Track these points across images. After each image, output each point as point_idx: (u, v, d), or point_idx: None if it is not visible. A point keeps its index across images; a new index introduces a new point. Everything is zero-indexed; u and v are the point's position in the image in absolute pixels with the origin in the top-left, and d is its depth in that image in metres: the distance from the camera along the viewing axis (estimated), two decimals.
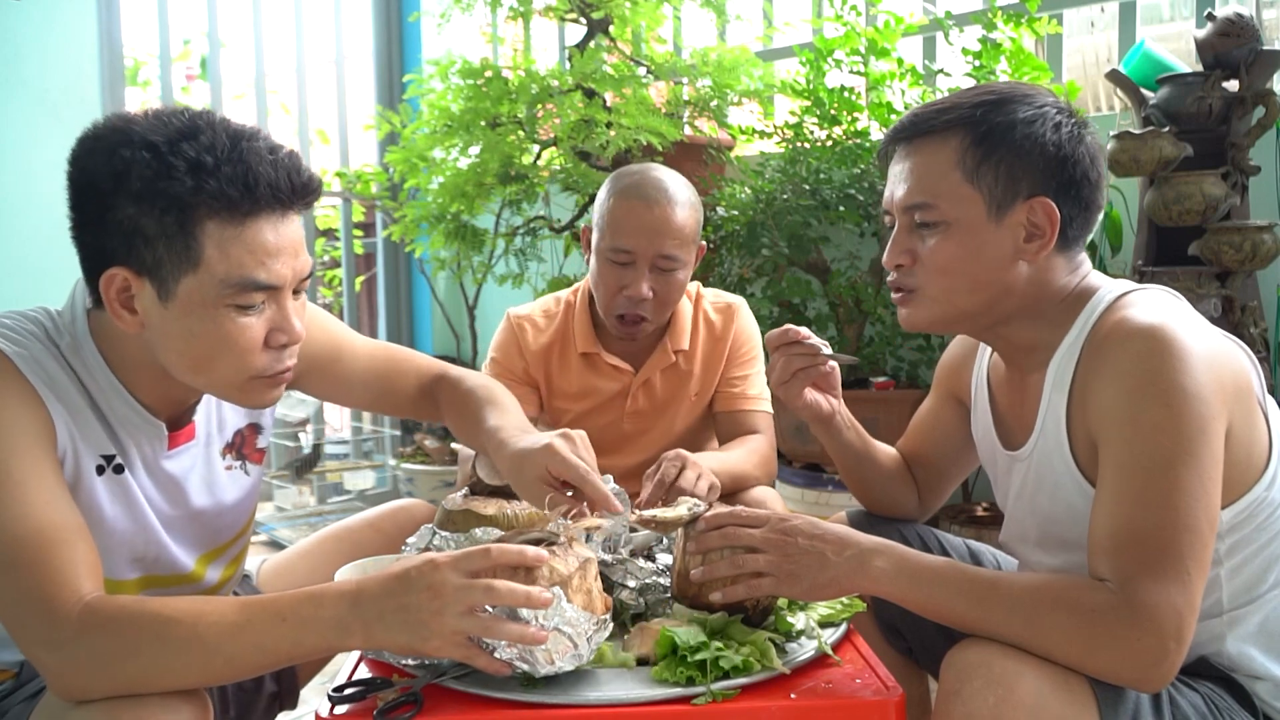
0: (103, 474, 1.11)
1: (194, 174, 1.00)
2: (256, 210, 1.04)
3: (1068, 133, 1.15)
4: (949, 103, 1.19)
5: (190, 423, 1.22)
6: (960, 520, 2.63)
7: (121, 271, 1.04)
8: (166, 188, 1.00)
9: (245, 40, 3.77)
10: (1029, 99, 1.16)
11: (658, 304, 1.75)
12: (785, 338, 1.35)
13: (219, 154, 1.01)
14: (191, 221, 1.01)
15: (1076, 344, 1.14)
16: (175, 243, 1.02)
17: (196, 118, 1.04)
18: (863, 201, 2.78)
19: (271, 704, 1.35)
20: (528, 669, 0.99)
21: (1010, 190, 1.14)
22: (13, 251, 2.68)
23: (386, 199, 3.79)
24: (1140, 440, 1.01)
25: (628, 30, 3.14)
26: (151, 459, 1.17)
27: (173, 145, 1.01)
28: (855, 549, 1.08)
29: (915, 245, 1.20)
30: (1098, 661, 0.96)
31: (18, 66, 2.73)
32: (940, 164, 1.17)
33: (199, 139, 1.02)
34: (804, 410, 1.38)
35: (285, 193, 1.05)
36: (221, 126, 1.04)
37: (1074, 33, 3.43)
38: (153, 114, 1.05)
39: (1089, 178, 1.16)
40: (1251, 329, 2.28)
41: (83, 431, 1.09)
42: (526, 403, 1.86)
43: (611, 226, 1.74)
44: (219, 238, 1.03)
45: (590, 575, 1.09)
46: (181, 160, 1.00)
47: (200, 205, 1.01)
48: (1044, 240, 1.15)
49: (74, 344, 1.10)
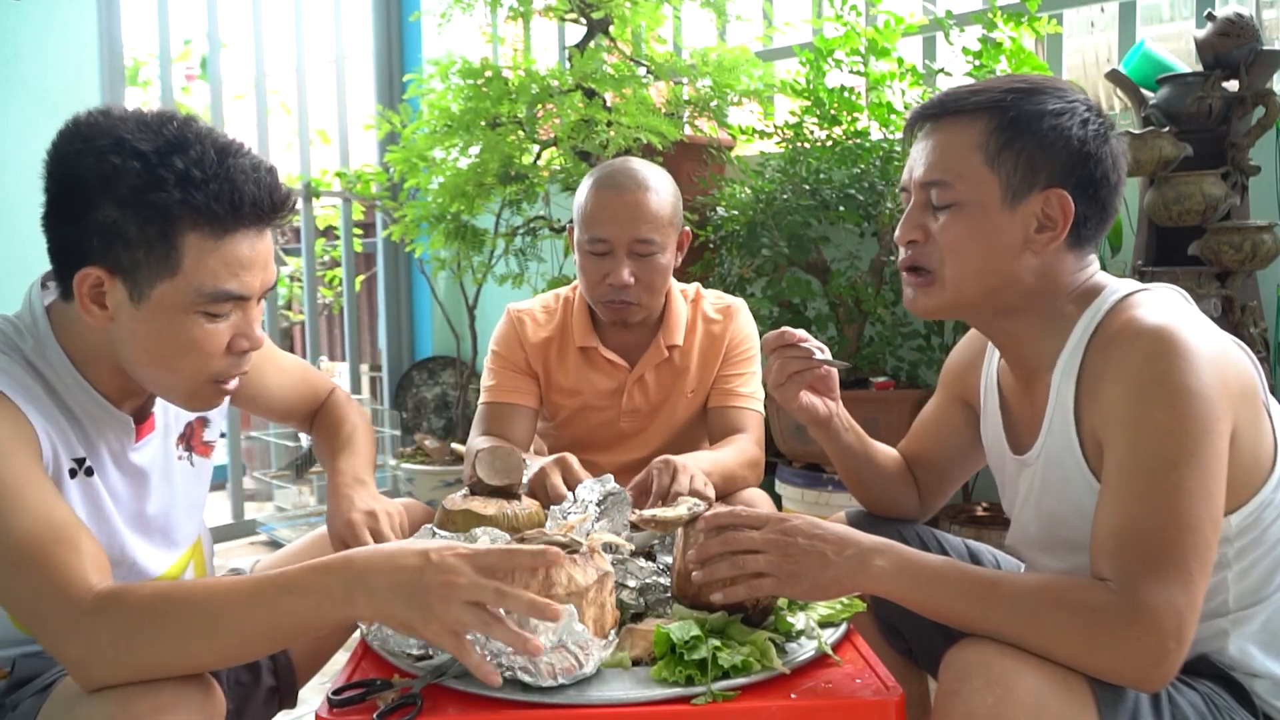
0: (75, 477, 1.14)
1: (182, 187, 1.03)
2: (237, 226, 1.08)
3: (1094, 130, 1.15)
4: (981, 86, 1.18)
5: (150, 414, 1.25)
6: (960, 520, 2.63)
7: (96, 270, 1.06)
8: (154, 199, 1.03)
9: (245, 40, 3.76)
10: (1061, 92, 1.16)
11: (641, 289, 1.77)
12: (781, 340, 1.35)
13: (207, 169, 1.05)
14: (174, 232, 1.05)
15: (1082, 344, 1.14)
16: (155, 250, 1.05)
17: (185, 128, 1.07)
18: (863, 201, 2.78)
19: (270, 698, 1.35)
20: (530, 681, 1.00)
21: (1028, 179, 1.14)
22: (13, 251, 2.67)
23: (386, 199, 3.79)
24: (1145, 441, 1.01)
25: (628, 30, 3.14)
26: (120, 453, 1.20)
27: (162, 156, 1.04)
28: (855, 548, 1.08)
29: (928, 222, 1.19)
30: (1098, 661, 0.96)
31: (18, 66, 2.73)
32: (963, 144, 1.16)
33: (188, 152, 1.05)
34: (800, 413, 1.38)
35: (265, 210, 1.10)
36: (209, 140, 1.07)
37: (1074, 33, 3.44)
38: (140, 118, 1.07)
39: (1109, 179, 1.16)
40: (1251, 329, 2.28)
41: (57, 436, 1.11)
42: (527, 394, 1.87)
43: (587, 218, 1.77)
44: (199, 249, 1.06)
45: (606, 589, 1.10)
46: (171, 173, 1.03)
47: (184, 217, 1.05)
48: (1055, 233, 1.14)
49: (38, 345, 1.13)
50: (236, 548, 3.63)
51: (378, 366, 4.54)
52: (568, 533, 1.18)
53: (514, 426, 1.84)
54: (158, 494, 1.27)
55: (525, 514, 1.38)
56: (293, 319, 5.63)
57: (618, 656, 1.08)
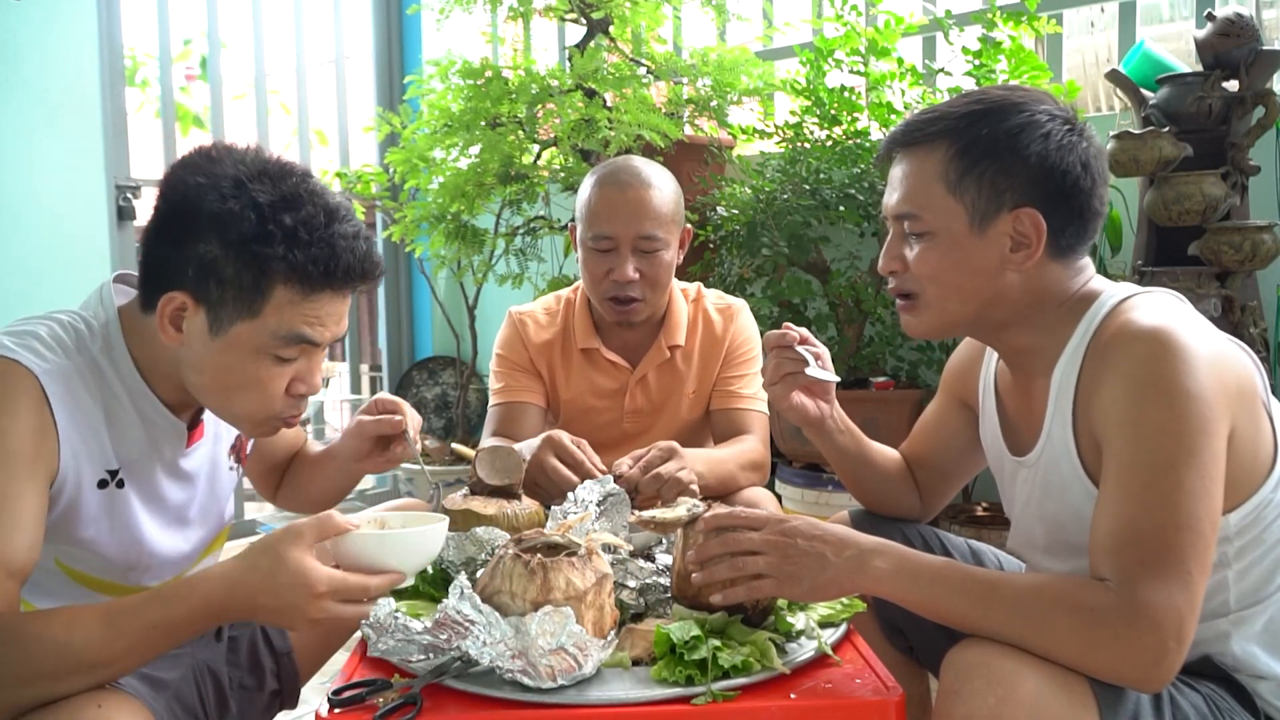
0: (104, 487, 1.16)
1: (286, 244, 1.08)
2: (327, 287, 1.12)
3: (1057, 142, 1.13)
4: (939, 112, 1.19)
5: (200, 422, 1.28)
6: (960, 520, 2.63)
7: (184, 296, 1.10)
8: (259, 250, 1.08)
9: (245, 40, 3.76)
10: (1020, 107, 1.15)
11: (646, 285, 1.78)
12: (782, 340, 1.35)
13: (313, 232, 1.10)
14: (267, 283, 1.10)
15: (1080, 348, 1.14)
16: (245, 294, 1.10)
17: (301, 185, 1.12)
18: (863, 201, 2.78)
19: (272, 702, 1.35)
20: (530, 683, 1.00)
21: (994, 202, 1.14)
22: (13, 251, 2.67)
23: (386, 199, 3.78)
24: (1143, 441, 1.01)
25: (628, 30, 3.14)
26: (172, 459, 1.24)
27: (276, 211, 1.09)
28: (855, 549, 1.08)
29: (905, 251, 1.21)
30: (1098, 661, 0.96)
31: (18, 66, 2.73)
32: (925, 175, 1.17)
33: (300, 211, 1.10)
34: (790, 413, 1.38)
35: (356, 278, 1.15)
36: (320, 202, 1.12)
37: (1074, 33, 3.44)
38: (263, 166, 1.12)
39: (1080, 186, 1.14)
40: (1251, 329, 2.28)
41: (90, 450, 1.13)
42: (534, 393, 1.87)
43: (590, 216, 1.78)
44: (285, 300, 1.11)
45: (605, 591, 1.10)
46: (280, 229, 1.08)
47: (281, 272, 1.09)
48: (1030, 250, 1.14)
49: (106, 347, 1.16)
50: (236, 548, 3.61)
51: (378, 366, 4.55)
52: (565, 533, 1.18)
53: (526, 425, 1.84)
54: (202, 497, 1.31)
55: (525, 514, 1.38)
56: None
57: (618, 656, 1.08)
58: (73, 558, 1.18)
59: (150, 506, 1.22)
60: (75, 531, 1.14)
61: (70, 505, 1.12)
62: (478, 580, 1.13)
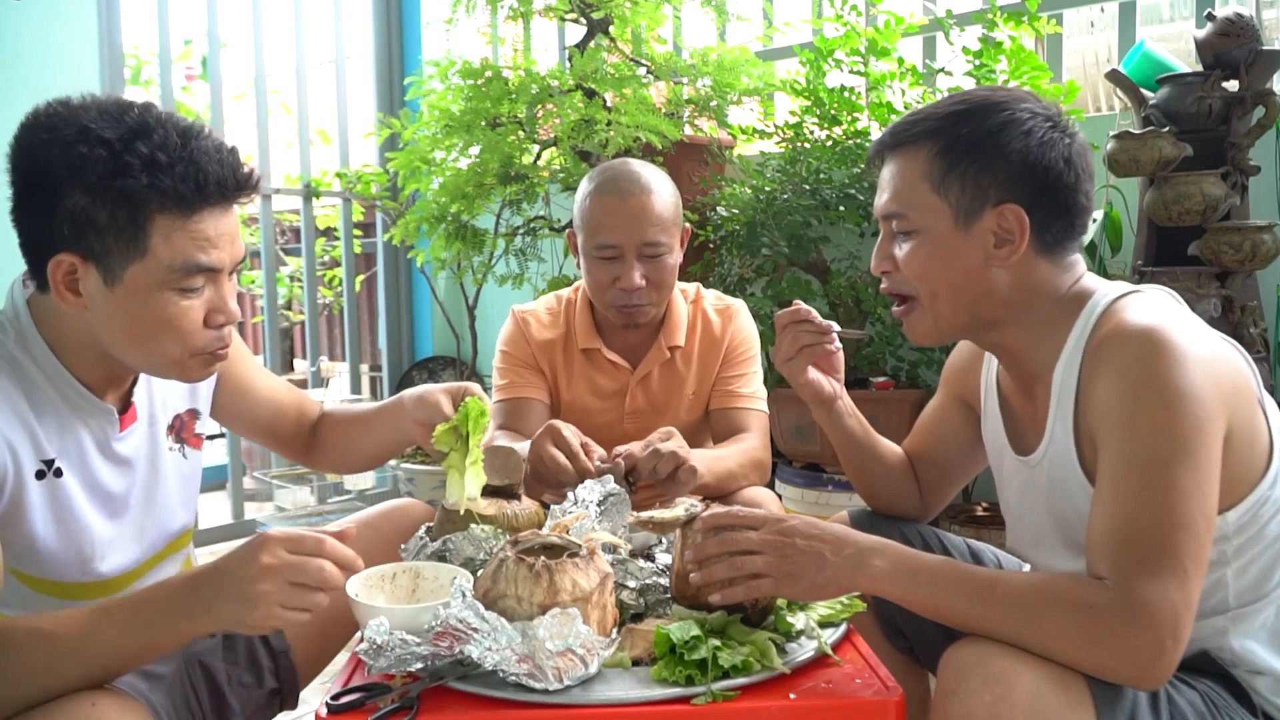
0: (42, 479, 1.15)
1: (148, 172, 1.06)
2: (203, 205, 1.11)
3: (1039, 139, 1.15)
4: (923, 113, 1.21)
5: (131, 404, 1.27)
6: (960, 520, 2.63)
7: (69, 257, 1.09)
8: (122, 185, 1.06)
9: (245, 40, 3.76)
10: (1002, 106, 1.17)
11: (652, 289, 1.78)
12: (795, 316, 1.37)
13: (171, 152, 1.08)
14: (143, 216, 1.08)
15: (1078, 349, 1.14)
16: (125, 233, 1.08)
17: (146, 114, 1.10)
18: (863, 201, 2.78)
19: (272, 700, 1.35)
20: (537, 685, 1.00)
21: (978, 199, 1.16)
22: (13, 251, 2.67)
23: (386, 199, 3.79)
24: (1137, 440, 1.01)
25: (628, 30, 3.14)
26: (104, 442, 1.22)
27: (127, 143, 1.06)
28: (854, 548, 1.08)
29: (894, 251, 1.23)
30: (1095, 659, 0.96)
31: (18, 66, 2.73)
32: (911, 175, 1.19)
33: (152, 137, 1.08)
34: (805, 389, 1.40)
35: (230, 189, 1.13)
36: (171, 124, 1.10)
37: (1074, 33, 3.44)
38: (100, 106, 1.10)
39: (1063, 181, 1.16)
40: (1251, 329, 2.28)
41: (22, 441, 1.12)
42: (539, 389, 1.87)
43: (592, 225, 1.77)
44: (167, 229, 1.09)
45: (607, 590, 1.10)
46: (136, 159, 1.06)
47: (152, 201, 1.08)
48: (1013, 246, 1.16)
49: (19, 337, 1.15)
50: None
51: (378, 366, 4.54)
52: (563, 532, 1.18)
53: (531, 420, 1.84)
54: (145, 483, 1.28)
55: (525, 514, 1.38)
56: (293, 319, 5.64)
57: (618, 656, 1.08)
58: (27, 563, 1.16)
59: (90, 494, 1.20)
60: (23, 529, 1.13)
61: (13, 502, 1.11)
62: (477, 584, 1.12)
